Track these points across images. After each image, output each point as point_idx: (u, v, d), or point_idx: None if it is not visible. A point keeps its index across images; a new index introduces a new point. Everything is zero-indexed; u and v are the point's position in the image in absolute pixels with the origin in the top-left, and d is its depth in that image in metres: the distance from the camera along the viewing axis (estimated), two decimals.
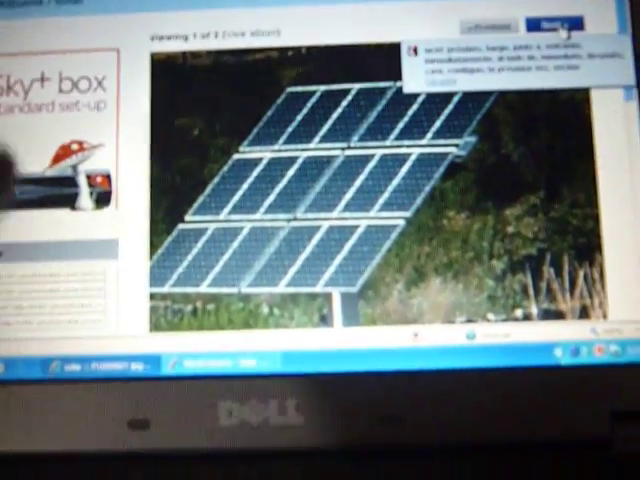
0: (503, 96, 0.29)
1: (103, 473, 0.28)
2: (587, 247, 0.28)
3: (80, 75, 0.30)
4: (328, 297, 0.28)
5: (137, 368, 0.28)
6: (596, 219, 0.29)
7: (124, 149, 0.29)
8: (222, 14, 0.30)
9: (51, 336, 0.28)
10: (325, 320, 0.28)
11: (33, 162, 0.29)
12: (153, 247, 0.29)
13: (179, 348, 0.28)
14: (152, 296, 0.29)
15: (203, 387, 0.28)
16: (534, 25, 0.30)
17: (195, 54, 0.30)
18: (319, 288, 0.28)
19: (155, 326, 0.28)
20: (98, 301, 0.28)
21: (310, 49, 0.30)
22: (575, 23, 0.30)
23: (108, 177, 0.29)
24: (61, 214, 0.29)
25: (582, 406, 0.28)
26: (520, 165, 0.29)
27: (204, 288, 0.29)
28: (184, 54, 0.30)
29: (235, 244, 0.29)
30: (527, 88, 0.29)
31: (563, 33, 0.30)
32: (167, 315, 0.28)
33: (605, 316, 0.28)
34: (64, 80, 0.30)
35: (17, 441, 0.28)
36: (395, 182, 0.29)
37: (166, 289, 0.29)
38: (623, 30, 0.30)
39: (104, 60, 0.30)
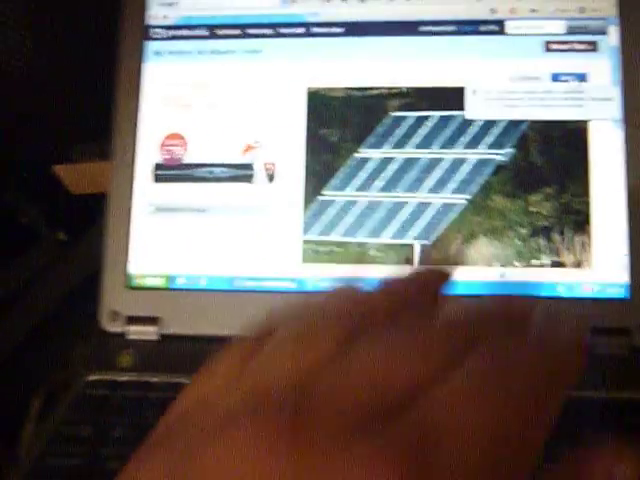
0: (532, 123, 0.45)
1: None
2: (582, 222, 0.44)
3: (262, 100, 0.47)
4: (411, 247, 0.45)
5: (291, 285, 0.45)
6: (588, 205, 0.44)
7: (289, 146, 0.46)
8: (351, 64, 0.47)
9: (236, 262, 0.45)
10: (408, 261, 0.45)
11: (229, 153, 0.46)
12: (304, 211, 0.45)
13: (318, 273, 0.45)
14: (303, 241, 0.45)
15: None
16: (555, 78, 0.46)
17: (334, 89, 0.46)
18: (407, 240, 0.45)
19: (304, 259, 0.45)
20: (271, 242, 0.45)
21: (407, 89, 0.46)
22: (582, 77, 0.45)
23: (273, 165, 0.46)
24: (242, 186, 0.46)
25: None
26: (541, 169, 0.45)
27: (334, 237, 0.45)
28: (326, 88, 0.47)
29: (354, 210, 0.45)
30: (548, 119, 0.45)
31: (574, 84, 0.45)
32: (310, 253, 0.45)
33: (592, 267, 0.44)
34: (249, 103, 0.47)
35: (213, 327, 0.45)
36: (459, 176, 0.45)
37: (311, 237, 0.45)
38: (615, 82, 0.45)
39: (276, 90, 0.47)
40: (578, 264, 0.43)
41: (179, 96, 0.47)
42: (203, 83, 0.47)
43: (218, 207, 0.46)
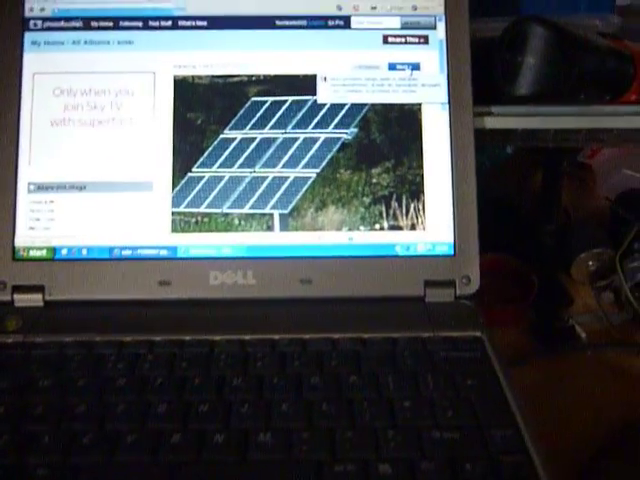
0: (373, 106, 0.52)
1: (141, 313, 0.50)
2: (416, 191, 0.51)
3: (133, 87, 0.52)
4: (272, 215, 0.51)
5: (164, 252, 0.50)
6: (422, 176, 0.51)
7: (158, 128, 0.51)
8: (215, 55, 0.52)
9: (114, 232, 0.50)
10: (270, 228, 0.51)
11: (107, 134, 0.51)
12: (173, 186, 0.51)
13: (188, 241, 0.50)
14: (172, 213, 0.51)
15: (201, 263, 0.50)
16: (392, 67, 0.53)
17: (199, 77, 0.52)
18: (267, 210, 0.51)
19: (174, 229, 0.50)
20: (145, 215, 0.50)
21: (265, 76, 0.52)
22: (415, 67, 0.53)
23: (145, 145, 0.51)
24: (118, 164, 0.51)
25: (410, 277, 0.50)
26: (381, 145, 0.52)
27: (202, 209, 0.51)
28: (192, 76, 0.52)
29: (220, 185, 0.51)
30: (386, 102, 0.52)
31: (408, 72, 0.52)
32: (181, 223, 0.51)
33: (424, 229, 0.51)
34: (122, 89, 0.52)
35: (94, 293, 0.50)
36: (311, 152, 0.51)
37: (180, 209, 0.51)
38: (442, 70, 0.53)
39: (146, 78, 0.52)
40: (413, 227, 0.51)
41: (57, 83, 0.51)
42: (79, 71, 0.51)
43: (96, 184, 0.51)
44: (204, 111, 0.51)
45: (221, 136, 0.51)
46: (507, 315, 0.61)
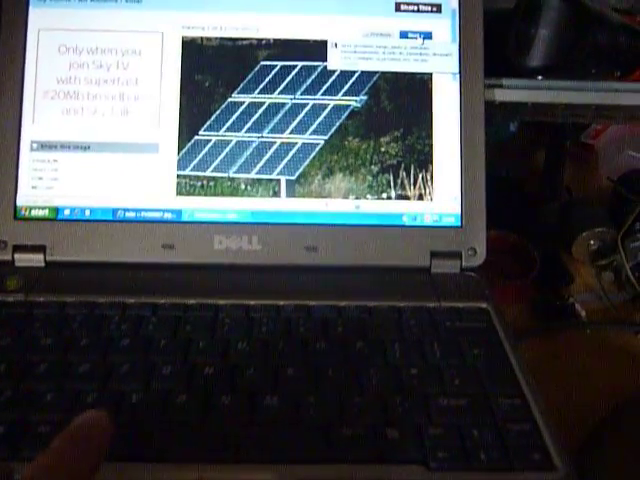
0: (383, 74, 0.51)
1: (144, 276, 0.49)
2: (424, 161, 0.51)
3: (140, 46, 0.51)
4: (278, 181, 0.50)
5: (168, 216, 0.50)
6: (431, 146, 0.51)
7: (165, 90, 0.50)
8: (225, 16, 0.51)
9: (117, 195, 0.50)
10: (276, 194, 0.50)
11: (112, 93, 0.50)
12: (179, 149, 0.50)
13: (193, 205, 0.50)
14: (178, 176, 0.50)
15: (205, 227, 0.49)
16: (404, 35, 0.52)
17: (208, 38, 0.51)
18: (274, 176, 0.50)
19: (179, 192, 0.50)
20: (150, 177, 0.50)
21: (275, 40, 0.51)
22: (427, 35, 0.52)
23: (152, 106, 0.50)
24: (123, 124, 0.50)
25: (416, 248, 0.50)
26: (390, 114, 0.51)
27: (208, 173, 0.50)
28: (201, 38, 0.51)
29: (227, 149, 0.50)
30: (397, 71, 0.51)
31: (420, 41, 0.52)
32: (186, 187, 0.50)
33: (432, 200, 0.51)
34: (128, 49, 0.51)
35: (96, 254, 0.49)
36: (319, 119, 0.51)
37: (186, 172, 0.50)
38: (454, 40, 0.52)
39: (154, 38, 0.51)
40: (420, 197, 0.50)
41: (62, 40, 0.50)
42: (85, 29, 0.50)
43: (101, 144, 0.50)
44: (212, 74, 0.50)
45: (229, 99, 0.50)
46: (508, 292, 0.60)
